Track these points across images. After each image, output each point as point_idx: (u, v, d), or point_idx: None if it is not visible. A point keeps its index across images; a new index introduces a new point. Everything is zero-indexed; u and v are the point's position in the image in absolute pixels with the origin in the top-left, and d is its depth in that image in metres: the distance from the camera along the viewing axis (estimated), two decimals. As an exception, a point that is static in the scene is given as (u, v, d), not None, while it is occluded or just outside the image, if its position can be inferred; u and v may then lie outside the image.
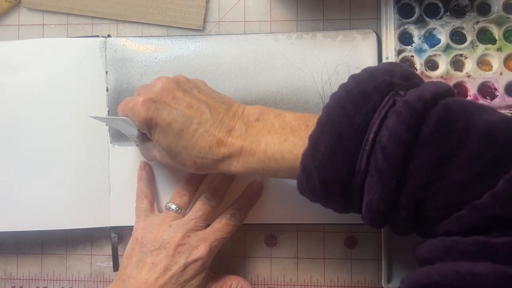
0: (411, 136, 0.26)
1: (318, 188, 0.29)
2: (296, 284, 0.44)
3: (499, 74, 0.41)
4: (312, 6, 0.44)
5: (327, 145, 0.28)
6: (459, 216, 0.26)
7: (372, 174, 0.27)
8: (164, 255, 0.37)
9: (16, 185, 0.43)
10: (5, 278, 0.46)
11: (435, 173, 0.26)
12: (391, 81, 0.29)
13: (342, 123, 0.28)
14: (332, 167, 0.28)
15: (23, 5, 0.46)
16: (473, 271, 0.25)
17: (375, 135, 0.27)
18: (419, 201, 0.27)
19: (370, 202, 0.28)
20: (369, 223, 0.30)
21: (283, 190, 0.43)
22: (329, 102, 0.30)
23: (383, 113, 0.27)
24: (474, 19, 0.41)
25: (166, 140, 0.33)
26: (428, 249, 0.29)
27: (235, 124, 0.33)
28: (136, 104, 0.34)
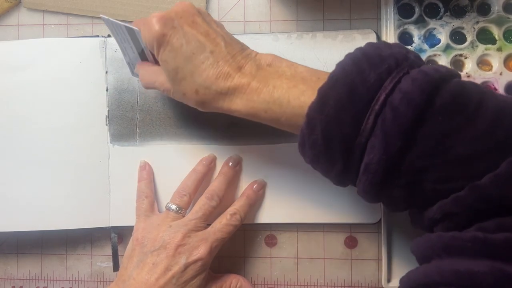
0: (424, 101, 0.26)
1: (320, 143, 0.28)
2: (296, 284, 0.44)
3: (499, 74, 0.41)
4: (312, 6, 0.44)
5: (336, 99, 0.27)
6: (458, 197, 0.26)
7: (377, 134, 0.27)
8: (164, 255, 0.37)
9: (16, 185, 0.43)
10: (5, 278, 0.46)
11: (441, 144, 0.26)
12: (407, 54, 0.29)
13: (355, 79, 0.27)
14: (338, 122, 0.27)
15: (23, 5, 0.46)
16: (471, 269, 0.24)
17: (387, 96, 0.27)
18: (419, 170, 0.27)
19: (369, 163, 0.27)
20: (363, 188, 0.29)
21: (283, 190, 0.43)
22: (343, 59, 0.29)
23: (397, 78, 0.27)
24: (474, 19, 0.41)
25: (174, 61, 0.32)
26: (426, 245, 0.28)
27: (247, 63, 0.32)
28: (152, 18, 0.32)
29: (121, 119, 0.44)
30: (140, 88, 0.44)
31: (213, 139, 0.43)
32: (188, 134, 0.43)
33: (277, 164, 0.43)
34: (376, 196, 0.29)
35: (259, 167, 0.43)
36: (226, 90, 0.31)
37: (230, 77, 0.31)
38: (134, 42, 0.37)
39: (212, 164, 0.43)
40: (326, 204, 0.42)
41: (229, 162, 0.42)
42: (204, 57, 0.32)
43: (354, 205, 0.42)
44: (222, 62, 0.32)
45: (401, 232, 0.42)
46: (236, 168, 0.42)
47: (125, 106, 0.44)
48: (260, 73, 0.32)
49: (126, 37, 0.37)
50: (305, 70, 0.32)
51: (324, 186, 0.42)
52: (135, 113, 0.44)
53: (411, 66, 0.28)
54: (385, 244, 0.42)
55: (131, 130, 0.44)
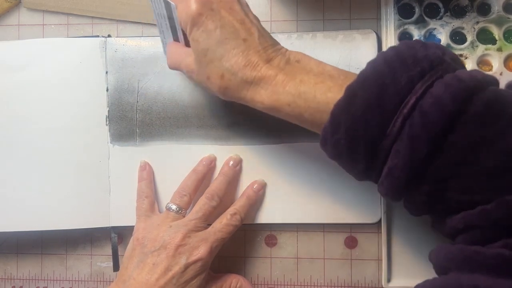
0: (456, 109, 0.25)
1: (343, 143, 0.28)
2: (296, 284, 0.44)
3: (499, 74, 0.41)
4: (312, 6, 0.44)
5: (364, 99, 0.27)
6: (485, 210, 0.25)
7: (403, 138, 0.26)
8: (164, 255, 0.37)
9: (16, 185, 0.43)
10: (5, 278, 0.46)
11: (470, 154, 0.25)
12: (442, 57, 0.27)
13: (386, 79, 0.26)
14: (365, 123, 0.27)
15: (23, 5, 0.46)
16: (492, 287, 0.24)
17: (417, 101, 0.26)
18: (444, 179, 0.26)
19: (393, 167, 0.26)
20: (385, 191, 0.28)
21: (283, 190, 0.43)
22: (375, 58, 0.29)
23: (430, 82, 0.26)
24: (474, 19, 0.41)
25: (206, 42, 0.32)
26: (447, 256, 0.27)
27: (276, 56, 0.32)
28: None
29: (121, 119, 0.44)
30: (140, 89, 0.44)
31: (213, 139, 0.43)
32: (188, 134, 0.43)
33: (277, 164, 0.43)
34: (398, 199, 0.29)
35: (259, 167, 0.43)
36: (252, 79, 0.31)
37: (258, 67, 0.31)
38: (169, 19, 0.36)
39: (212, 164, 0.43)
40: (326, 204, 0.42)
41: (229, 162, 0.42)
42: (236, 44, 0.32)
43: (354, 205, 0.42)
44: (253, 51, 0.32)
45: (401, 232, 0.42)
46: (236, 168, 0.42)
47: (125, 106, 0.44)
48: (288, 67, 0.31)
49: (162, 12, 0.36)
50: (333, 69, 0.31)
51: (324, 186, 0.42)
52: (135, 113, 0.44)
53: (445, 70, 0.27)
54: (385, 244, 0.42)
55: (131, 130, 0.44)
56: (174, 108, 0.43)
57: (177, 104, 0.43)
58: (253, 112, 0.42)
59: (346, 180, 0.42)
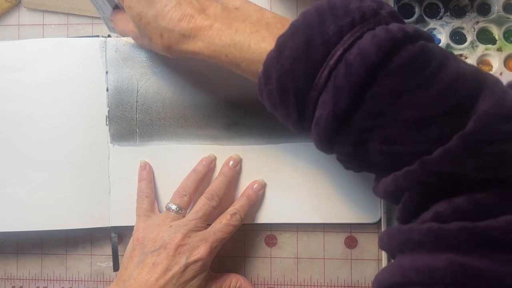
0: (380, 60, 0.25)
1: (275, 94, 0.28)
2: (296, 284, 0.44)
3: (499, 74, 0.41)
4: (312, 6, 0.44)
5: (292, 49, 0.26)
6: (410, 171, 0.25)
7: (328, 89, 0.26)
8: (164, 255, 0.37)
9: (16, 185, 0.43)
10: (5, 278, 0.46)
11: (390, 105, 0.25)
12: (377, 11, 0.27)
13: (315, 29, 0.26)
14: (292, 74, 0.27)
15: (23, 5, 0.46)
16: (430, 266, 0.24)
17: (344, 51, 0.25)
18: (367, 129, 0.26)
19: (319, 118, 0.27)
20: (315, 142, 0.29)
21: (283, 190, 0.43)
22: (309, 8, 0.28)
23: (360, 33, 0.26)
24: (474, 19, 0.41)
25: (137, 6, 0.32)
26: (389, 240, 0.28)
27: (211, 4, 0.32)
28: None
29: (121, 119, 0.44)
30: (140, 88, 0.44)
31: (213, 139, 0.43)
32: (188, 134, 0.43)
33: (277, 164, 0.43)
34: (329, 150, 0.29)
35: (259, 167, 0.43)
36: (189, 32, 0.31)
37: (192, 19, 0.31)
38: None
39: (212, 164, 0.43)
40: (326, 204, 0.42)
41: (229, 162, 0.42)
42: (166, 0, 0.31)
43: (354, 205, 0.42)
44: (185, 4, 0.31)
45: (401, 232, 0.42)
46: (236, 168, 0.42)
47: (125, 106, 0.44)
48: (224, 15, 0.31)
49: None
50: (273, 17, 0.31)
51: (324, 186, 0.42)
52: (134, 113, 0.44)
53: (378, 23, 0.26)
54: (385, 244, 0.42)
55: (131, 130, 0.44)
56: (174, 108, 0.43)
57: (177, 104, 0.43)
58: (253, 112, 0.43)
59: (346, 180, 0.42)
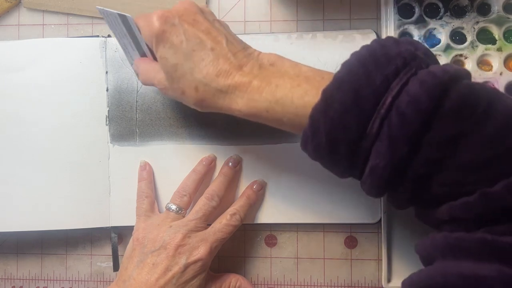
0: (432, 106, 0.25)
1: (324, 146, 0.28)
2: (296, 284, 0.44)
3: (499, 74, 0.41)
4: (312, 6, 0.44)
5: (341, 102, 0.26)
6: (468, 203, 0.25)
7: (382, 138, 0.26)
8: (164, 255, 0.37)
9: (16, 185, 0.43)
10: (5, 278, 0.46)
11: (448, 149, 0.25)
12: (415, 53, 0.27)
13: (362, 81, 0.26)
14: (343, 126, 0.26)
15: (23, 5, 0.46)
16: (477, 273, 0.24)
17: (393, 100, 0.26)
18: (425, 175, 0.26)
19: (375, 167, 0.27)
20: (368, 189, 0.29)
21: (283, 190, 0.43)
22: (349, 59, 0.28)
23: (405, 79, 0.26)
24: (474, 19, 0.41)
25: (173, 58, 0.32)
26: (431, 245, 0.28)
27: (248, 61, 0.32)
28: (152, 15, 0.32)
29: (121, 119, 0.44)
30: (140, 88, 0.44)
31: (213, 139, 0.43)
32: (188, 134, 0.43)
33: (277, 164, 0.43)
34: (381, 195, 0.29)
35: (259, 167, 0.43)
36: (227, 88, 0.31)
37: (230, 75, 0.31)
38: (130, 34, 0.36)
39: (212, 164, 0.43)
40: (326, 204, 0.42)
41: (229, 162, 0.42)
42: (204, 54, 0.31)
43: (354, 205, 0.42)
44: (223, 60, 0.31)
45: (401, 232, 0.42)
46: (236, 168, 0.42)
47: (125, 106, 0.44)
48: (262, 72, 0.31)
49: (122, 30, 0.36)
50: (309, 70, 0.31)
51: (324, 186, 0.42)
52: (134, 113, 0.44)
53: (419, 66, 0.27)
54: (385, 244, 0.42)
55: (131, 130, 0.44)
56: (174, 108, 0.43)
57: (177, 104, 0.43)
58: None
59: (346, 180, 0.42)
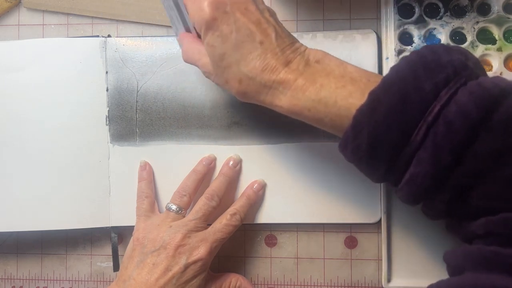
0: (480, 117, 0.25)
1: (364, 149, 0.27)
2: (296, 284, 0.44)
3: (499, 74, 0.41)
4: (312, 6, 0.44)
5: (388, 105, 0.26)
6: (508, 219, 0.25)
7: (426, 146, 0.26)
8: (164, 255, 0.37)
9: (16, 185, 0.43)
10: (5, 278, 0.46)
11: (491, 163, 0.25)
12: (466, 63, 0.27)
13: (410, 85, 0.26)
14: (387, 129, 0.26)
15: (23, 5, 0.46)
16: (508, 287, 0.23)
17: (442, 108, 0.25)
18: (466, 187, 0.26)
19: (415, 175, 0.26)
20: (405, 197, 0.28)
21: (283, 190, 0.43)
22: (398, 63, 0.28)
23: (454, 89, 0.26)
24: (474, 19, 0.41)
25: (222, 47, 0.31)
26: (464, 256, 0.27)
27: (295, 58, 0.31)
28: (204, 1, 0.31)
29: (121, 119, 0.44)
30: (140, 88, 0.44)
31: (213, 139, 0.43)
32: (188, 134, 0.43)
33: (277, 164, 0.43)
34: (417, 203, 0.29)
35: (259, 167, 0.43)
36: (271, 83, 0.30)
37: (276, 71, 0.30)
38: (178, 10, 0.35)
39: (212, 164, 0.43)
40: (326, 204, 0.42)
41: (229, 162, 0.42)
42: (252, 47, 0.31)
43: (354, 205, 0.42)
44: (271, 54, 0.31)
45: (401, 232, 0.42)
46: (236, 168, 0.42)
47: (125, 106, 0.44)
48: (307, 70, 0.30)
49: (170, 3, 0.36)
50: (355, 71, 0.30)
51: (324, 186, 0.42)
52: (134, 113, 0.44)
53: (469, 77, 0.26)
54: (385, 244, 0.42)
55: (131, 130, 0.44)
56: (174, 108, 0.43)
57: (177, 104, 0.43)
58: (253, 112, 0.43)
59: (346, 180, 0.42)
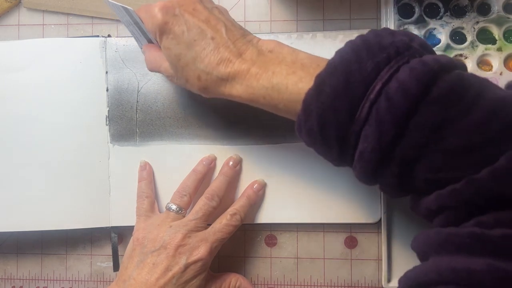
0: (420, 92, 0.26)
1: (316, 130, 0.29)
2: (296, 284, 0.44)
3: (499, 74, 0.41)
4: (312, 6, 0.44)
5: (332, 87, 0.27)
6: (455, 190, 0.26)
7: (371, 123, 0.27)
8: (164, 255, 0.37)
9: (16, 185, 0.43)
10: (5, 278, 0.46)
11: (434, 134, 0.26)
12: (410, 44, 0.28)
13: (353, 67, 0.27)
14: (334, 110, 0.27)
15: (23, 5, 0.46)
16: (469, 268, 0.24)
17: (383, 86, 0.26)
18: (412, 159, 0.27)
19: (363, 151, 0.27)
20: (359, 175, 0.30)
21: (283, 190, 0.43)
22: (343, 47, 0.29)
23: (396, 67, 0.27)
24: (474, 19, 0.41)
25: (176, 48, 0.33)
26: (425, 241, 0.28)
27: (248, 49, 0.33)
28: (154, 7, 0.33)
29: (121, 119, 0.44)
30: (140, 88, 0.44)
31: (213, 139, 0.43)
32: (188, 134, 0.43)
33: (277, 164, 0.43)
34: (372, 181, 0.30)
35: (259, 167, 0.43)
36: (227, 75, 0.32)
37: (230, 63, 0.32)
38: (136, 25, 0.37)
39: (212, 164, 0.43)
40: (326, 204, 0.42)
41: (229, 162, 0.42)
42: (205, 43, 0.32)
43: (354, 205, 0.42)
44: (223, 48, 0.32)
45: (401, 232, 0.42)
46: (236, 168, 0.42)
47: (125, 106, 0.44)
48: (260, 59, 0.32)
49: (128, 19, 0.37)
50: (306, 57, 0.32)
51: (324, 186, 0.42)
52: (134, 113, 0.44)
53: (412, 56, 0.27)
54: (385, 244, 0.42)
55: (131, 130, 0.44)
56: (174, 108, 0.43)
57: (177, 104, 0.43)
58: (253, 112, 0.43)
59: (346, 180, 0.42)
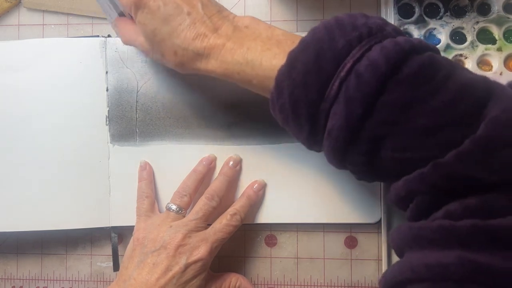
0: (390, 70, 0.26)
1: (288, 107, 0.29)
2: (296, 284, 0.44)
3: (499, 74, 0.41)
4: (312, 6, 0.44)
5: (304, 63, 0.27)
6: (422, 174, 0.26)
7: (340, 101, 0.27)
8: (164, 255, 0.37)
9: (17, 185, 0.43)
10: (5, 278, 0.46)
11: (402, 113, 0.26)
12: (383, 27, 0.28)
13: (324, 44, 0.27)
14: (304, 87, 0.27)
15: (23, 5, 0.46)
16: (441, 261, 0.24)
17: (354, 64, 0.26)
18: (379, 138, 0.27)
19: (332, 129, 0.27)
20: (328, 154, 0.30)
21: (283, 190, 0.43)
22: (317, 25, 0.29)
23: (368, 46, 0.27)
24: (474, 19, 0.41)
25: (152, 23, 0.33)
26: (398, 237, 0.28)
27: (223, 24, 0.33)
28: None
29: (121, 119, 0.44)
30: (140, 88, 0.44)
31: (213, 139, 0.43)
32: (188, 134, 0.43)
33: (277, 164, 0.43)
34: (341, 162, 0.30)
35: (259, 167, 0.43)
36: (203, 50, 0.32)
37: (206, 38, 0.32)
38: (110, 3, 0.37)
39: (212, 164, 0.43)
40: (326, 204, 0.42)
41: (229, 162, 0.42)
42: (181, 19, 0.32)
43: (354, 205, 0.42)
44: (199, 23, 0.32)
45: (401, 232, 0.42)
46: (236, 168, 0.42)
47: (125, 106, 0.44)
48: (236, 34, 0.32)
49: None
50: (282, 34, 0.32)
51: (324, 186, 0.42)
52: (134, 113, 0.44)
53: (385, 37, 0.27)
54: (385, 244, 0.42)
55: (131, 130, 0.44)
56: (174, 108, 0.43)
57: (177, 104, 0.43)
58: (253, 112, 0.43)
59: (346, 180, 0.42)
